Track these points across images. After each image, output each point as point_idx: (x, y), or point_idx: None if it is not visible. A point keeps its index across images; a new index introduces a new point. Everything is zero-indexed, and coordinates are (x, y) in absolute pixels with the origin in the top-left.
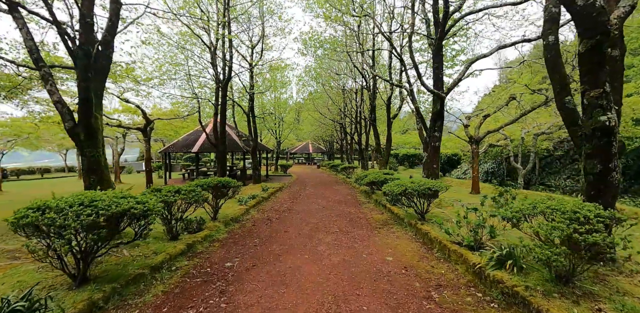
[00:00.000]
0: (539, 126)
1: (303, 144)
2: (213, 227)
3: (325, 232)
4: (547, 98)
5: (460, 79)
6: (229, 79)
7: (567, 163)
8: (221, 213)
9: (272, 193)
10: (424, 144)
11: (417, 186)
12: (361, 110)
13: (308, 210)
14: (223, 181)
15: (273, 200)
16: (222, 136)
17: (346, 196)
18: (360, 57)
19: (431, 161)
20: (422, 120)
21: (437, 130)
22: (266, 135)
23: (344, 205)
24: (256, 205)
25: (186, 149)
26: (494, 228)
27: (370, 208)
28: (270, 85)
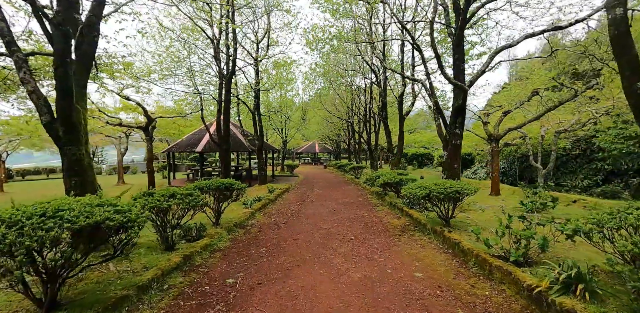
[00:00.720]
0: (560, 123)
1: (309, 143)
2: (214, 234)
3: (339, 240)
4: (577, 92)
5: (484, 71)
6: (233, 73)
7: (584, 163)
8: (224, 218)
9: (279, 194)
10: (444, 142)
11: (443, 189)
12: (370, 108)
13: (318, 214)
14: (226, 183)
15: (280, 203)
16: (225, 134)
17: (357, 198)
18: (370, 51)
19: (452, 161)
20: (442, 115)
21: (459, 127)
22: (272, 135)
23: (355, 208)
24: (262, 208)
25: (190, 148)
26: (547, 240)
27: (385, 211)
28: (277, 83)
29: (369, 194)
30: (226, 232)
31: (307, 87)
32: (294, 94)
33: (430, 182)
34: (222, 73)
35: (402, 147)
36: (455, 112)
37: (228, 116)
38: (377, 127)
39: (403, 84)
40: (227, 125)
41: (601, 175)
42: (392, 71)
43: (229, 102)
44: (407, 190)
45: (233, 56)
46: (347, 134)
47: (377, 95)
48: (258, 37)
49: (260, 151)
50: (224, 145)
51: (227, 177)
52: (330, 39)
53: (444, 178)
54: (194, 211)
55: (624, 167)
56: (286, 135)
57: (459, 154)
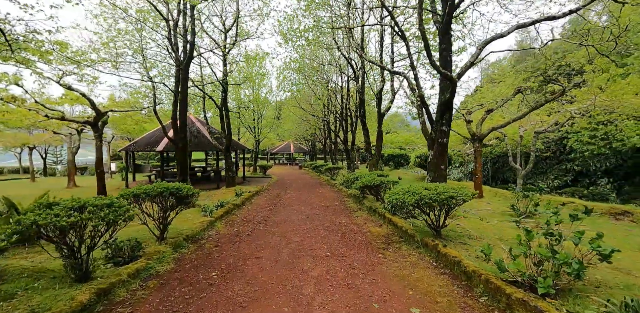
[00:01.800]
0: (536, 124)
1: (284, 143)
2: (155, 252)
3: (312, 258)
4: (565, 89)
5: (473, 63)
6: (190, 59)
7: (554, 164)
8: (173, 230)
9: (248, 198)
10: (429, 141)
11: (435, 194)
12: (347, 105)
13: (289, 221)
14: (171, 188)
15: (247, 208)
16: (182, 129)
17: (333, 201)
18: (347, 42)
19: (438, 161)
20: (428, 111)
21: (445, 124)
22: (244, 134)
23: (331, 214)
24: (225, 215)
25: (150, 147)
26: (582, 265)
27: (365, 217)
28: (247, 77)
29: (346, 197)
30: (171, 249)
31: (281, 83)
32: (267, 90)
33: (419, 186)
34: (178, 58)
35: (380, 147)
36: (442, 107)
37: (185, 108)
38: (354, 126)
39: (382, 80)
40: (184, 119)
41: (570, 176)
42: (372, 63)
43: (186, 92)
44: (392, 195)
45: (191, 38)
46: (322, 133)
47: (354, 92)
48: (226, 25)
49: (228, 150)
50: (180, 143)
51: (184, 180)
52: (305, 30)
53: (429, 180)
54: (114, 227)
55: (592, 168)
56: (259, 134)
57: (446, 154)
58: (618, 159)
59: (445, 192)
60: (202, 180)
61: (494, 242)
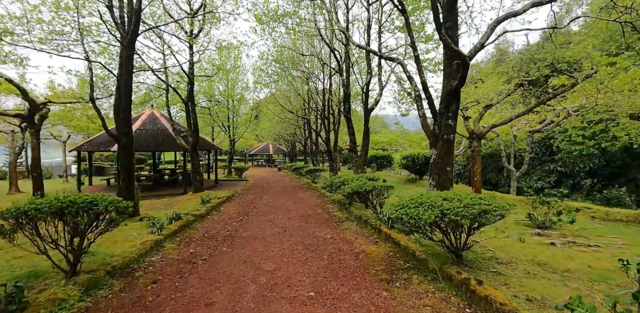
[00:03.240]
0: (529, 123)
1: (263, 144)
2: (50, 301)
3: (288, 302)
4: (576, 81)
5: (483, 44)
6: (136, 32)
7: (537, 165)
8: (99, 256)
9: (215, 206)
10: (431, 137)
11: (462, 207)
12: (330, 101)
13: (261, 238)
14: (80, 202)
15: (212, 219)
16: (125, 122)
17: (315, 208)
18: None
19: (444, 161)
20: (431, 101)
21: (452, 117)
22: (219, 134)
23: (314, 225)
24: (181, 230)
25: (105, 146)
26: None
27: (354, 230)
28: (221, 68)
29: (330, 203)
30: (81, 292)
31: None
32: (243, 86)
33: (434, 196)
34: (120, 31)
35: (367, 147)
36: (447, 96)
37: (129, 96)
38: (336, 124)
39: (369, 72)
40: (128, 110)
41: (554, 177)
42: (359, 47)
43: (131, 75)
44: (399, 209)
45: (137, 5)
46: (303, 133)
47: (337, 90)
48: (194, 8)
49: (195, 150)
50: (123, 139)
51: (130, 184)
52: (283, 15)
53: (432, 185)
54: None
55: (576, 169)
56: (233, 134)
57: (452, 153)
58: (601, 160)
59: (475, 205)
60: (169, 185)
61: (530, 268)
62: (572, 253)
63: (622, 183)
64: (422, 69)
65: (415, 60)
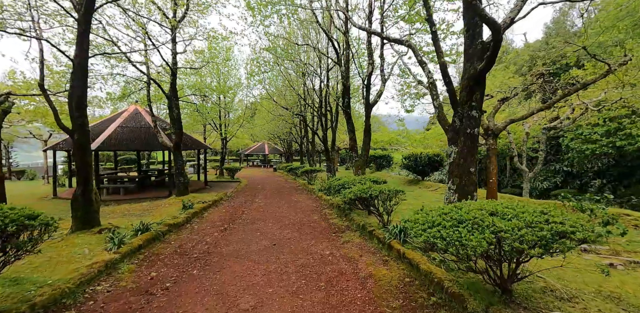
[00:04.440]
0: (541, 120)
1: (258, 144)
2: None
3: None
4: (610, 67)
5: (513, 19)
6: (92, 3)
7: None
8: (26, 286)
9: (197, 212)
10: (451, 132)
11: (527, 229)
12: (328, 96)
13: (244, 255)
14: None
15: (191, 229)
16: (79, 111)
17: (311, 214)
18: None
19: (467, 161)
20: (450, 88)
21: (476, 107)
22: (211, 133)
23: (309, 237)
24: (147, 245)
25: None
26: None
27: (357, 244)
28: (212, 57)
29: (328, 208)
30: None
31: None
32: (235, 82)
33: (477, 209)
34: (76, 6)
35: (368, 145)
36: (470, 82)
37: (83, 79)
38: (334, 122)
39: (370, 62)
40: (82, 97)
41: (560, 177)
42: (362, 30)
43: (87, 54)
44: (434, 231)
45: None
46: (299, 132)
47: (335, 86)
48: None
49: (178, 149)
50: (77, 133)
51: (86, 189)
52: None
53: (453, 190)
54: None
55: (584, 169)
56: (225, 132)
57: (475, 151)
58: (611, 159)
59: (543, 223)
60: (156, 186)
61: (602, 305)
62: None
63: (634, 183)
64: (440, 48)
65: (433, 37)
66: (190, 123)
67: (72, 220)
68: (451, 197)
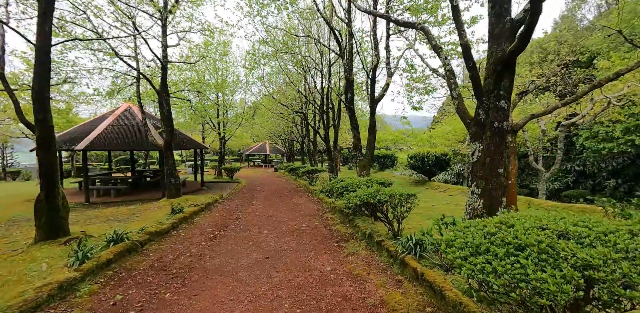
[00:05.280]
0: (555, 116)
1: (259, 144)
2: None
3: None
4: None
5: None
6: None
7: (550, 165)
8: None
9: (187, 217)
10: (474, 127)
11: (628, 261)
12: (329, 94)
13: (231, 271)
14: None
15: (177, 236)
16: (40, 103)
17: (311, 220)
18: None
19: (494, 161)
20: (475, 73)
21: (504, 96)
22: (210, 133)
23: (308, 248)
24: (118, 259)
25: (68, 145)
26: None
27: (364, 257)
28: (203, 56)
29: (329, 212)
30: None
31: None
32: (233, 79)
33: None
34: None
35: (373, 144)
36: (497, 67)
37: (45, 66)
38: (336, 120)
39: (376, 54)
40: (43, 90)
41: (572, 177)
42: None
43: (50, 35)
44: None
45: None
46: (299, 131)
47: (337, 82)
48: None
49: (169, 148)
50: (39, 129)
51: (49, 197)
52: None
53: (477, 194)
54: None
55: (598, 168)
56: (224, 130)
57: (504, 148)
58: (626, 158)
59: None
60: (150, 187)
61: None
62: None
63: None
64: (462, 25)
65: (453, 11)
66: (189, 122)
67: (36, 229)
68: (475, 203)
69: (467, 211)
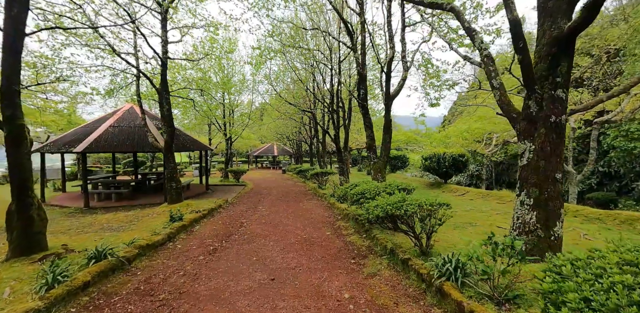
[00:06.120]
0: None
1: (267, 145)
2: None
3: None
4: None
5: None
6: None
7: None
8: None
9: (185, 226)
10: (522, 122)
11: None
12: (339, 92)
13: (229, 299)
14: None
15: (173, 249)
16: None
17: (322, 228)
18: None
19: (549, 164)
20: (527, 56)
21: (561, 84)
22: (217, 134)
23: (321, 266)
24: (98, 281)
25: (67, 147)
26: None
27: (388, 279)
28: (207, 54)
29: (342, 219)
30: None
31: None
32: (239, 78)
33: None
34: None
35: (389, 145)
36: (551, 47)
37: (16, 57)
38: (347, 120)
39: (391, 46)
40: (10, 83)
41: (595, 179)
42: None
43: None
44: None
45: None
46: (308, 131)
47: (347, 77)
48: None
49: (170, 150)
50: (7, 128)
51: (21, 207)
52: None
53: (528, 206)
54: None
55: (626, 169)
56: (229, 131)
57: (562, 148)
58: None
59: None
60: (153, 191)
61: None
62: None
63: None
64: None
65: None
66: (194, 123)
67: (8, 244)
68: (525, 216)
69: (515, 226)
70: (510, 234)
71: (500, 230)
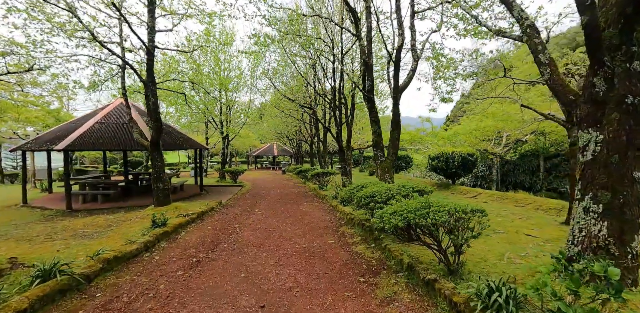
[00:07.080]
0: None
1: (267, 145)
2: None
3: None
4: None
5: None
6: None
7: None
8: None
9: (168, 233)
10: (584, 105)
11: None
12: (341, 87)
13: None
14: None
15: (148, 262)
16: None
17: (324, 235)
18: None
19: (625, 159)
20: (594, 15)
21: (639, 56)
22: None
23: (324, 286)
24: (41, 308)
25: (50, 144)
26: None
27: (410, 307)
28: (201, 46)
29: (345, 224)
30: None
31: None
32: (237, 73)
33: None
34: None
35: (397, 142)
36: (627, 6)
37: None
38: (350, 117)
39: (400, 33)
40: None
41: None
42: None
43: None
44: None
45: None
46: (309, 130)
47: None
48: None
49: (157, 147)
50: None
51: None
52: None
53: (596, 215)
54: None
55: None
56: (226, 129)
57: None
58: None
59: None
60: (144, 192)
61: None
62: None
63: None
64: None
65: None
66: (190, 121)
67: None
68: (592, 228)
69: (577, 239)
70: (568, 251)
71: (530, 239)
